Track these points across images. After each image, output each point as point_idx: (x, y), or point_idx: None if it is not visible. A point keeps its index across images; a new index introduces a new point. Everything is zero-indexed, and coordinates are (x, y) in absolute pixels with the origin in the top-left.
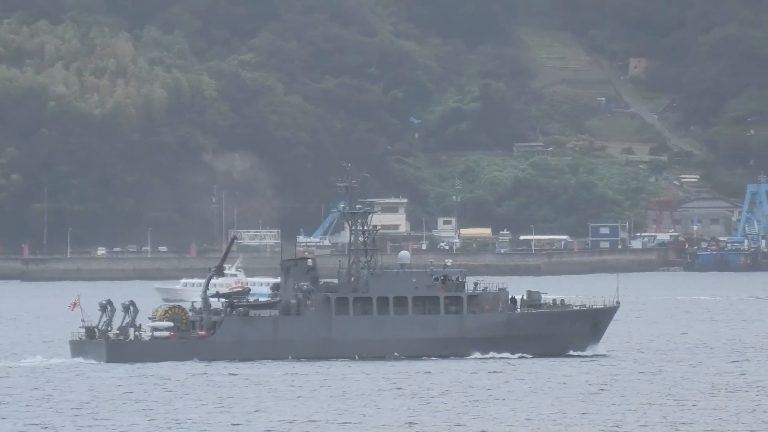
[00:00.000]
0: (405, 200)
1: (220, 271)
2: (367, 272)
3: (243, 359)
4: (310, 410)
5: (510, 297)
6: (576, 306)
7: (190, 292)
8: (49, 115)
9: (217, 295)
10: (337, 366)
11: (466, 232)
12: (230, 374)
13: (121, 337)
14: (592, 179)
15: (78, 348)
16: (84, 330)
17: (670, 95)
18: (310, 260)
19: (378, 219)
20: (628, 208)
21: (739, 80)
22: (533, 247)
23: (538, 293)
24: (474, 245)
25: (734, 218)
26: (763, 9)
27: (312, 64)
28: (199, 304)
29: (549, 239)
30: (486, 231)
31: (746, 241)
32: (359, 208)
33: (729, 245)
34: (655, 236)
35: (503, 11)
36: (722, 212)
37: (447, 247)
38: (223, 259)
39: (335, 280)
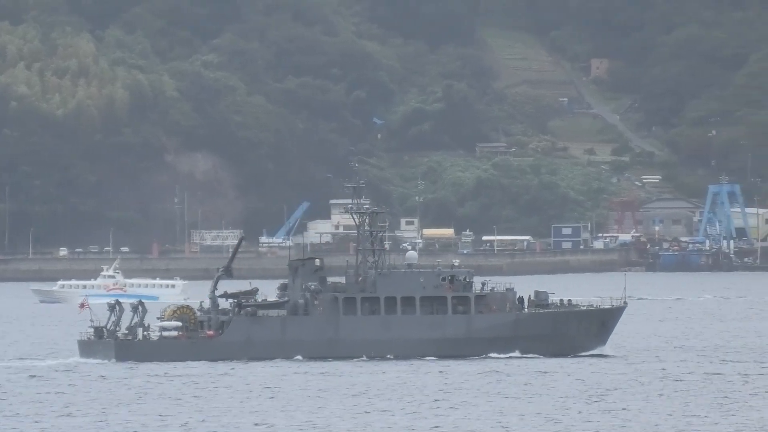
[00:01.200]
0: (368, 201)
1: (228, 272)
2: (375, 272)
3: (251, 359)
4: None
5: (517, 297)
6: (583, 306)
7: (66, 294)
8: (11, 115)
9: (225, 295)
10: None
11: (428, 232)
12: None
13: (130, 337)
14: (554, 180)
15: (87, 348)
16: (93, 330)
17: (631, 96)
18: (317, 260)
19: (340, 219)
20: (590, 208)
21: (700, 81)
22: (496, 248)
23: (546, 293)
24: (437, 246)
25: (696, 219)
26: (724, 10)
27: (274, 64)
28: (207, 304)
29: (511, 240)
30: (448, 231)
31: (708, 241)
32: (367, 208)
33: (690, 246)
34: (616, 237)
35: (465, 12)
36: (684, 213)
37: (410, 248)
38: (231, 260)
39: (343, 280)
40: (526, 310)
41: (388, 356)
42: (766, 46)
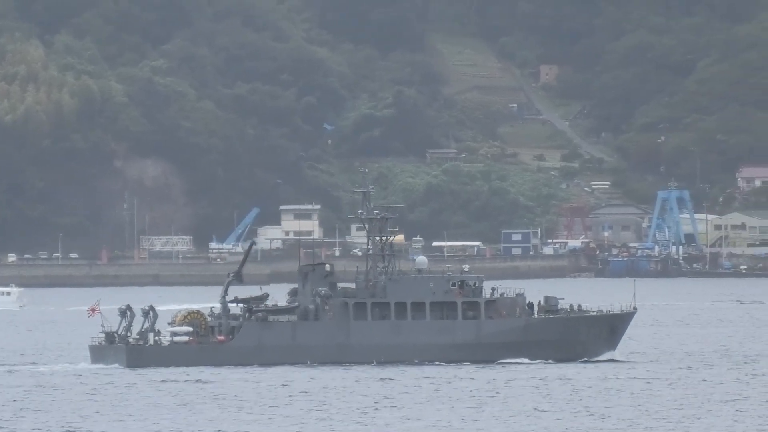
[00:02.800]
0: (318, 206)
1: (239, 277)
2: (385, 277)
3: (261, 364)
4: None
5: (527, 302)
6: (593, 311)
7: None
8: None
9: (236, 300)
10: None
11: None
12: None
13: (141, 342)
14: (504, 186)
15: (98, 353)
16: (104, 335)
17: (581, 102)
18: (327, 265)
19: (290, 225)
20: (539, 214)
21: (649, 87)
22: (446, 254)
23: (555, 299)
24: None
25: (645, 225)
26: (673, 16)
27: (224, 69)
28: (218, 310)
29: (462, 245)
30: (399, 237)
31: (657, 247)
32: (377, 213)
33: (640, 251)
34: (566, 242)
35: (415, 18)
36: (633, 219)
37: (360, 254)
38: (242, 265)
39: (353, 285)
40: (535, 315)
41: (399, 361)
42: (715, 52)
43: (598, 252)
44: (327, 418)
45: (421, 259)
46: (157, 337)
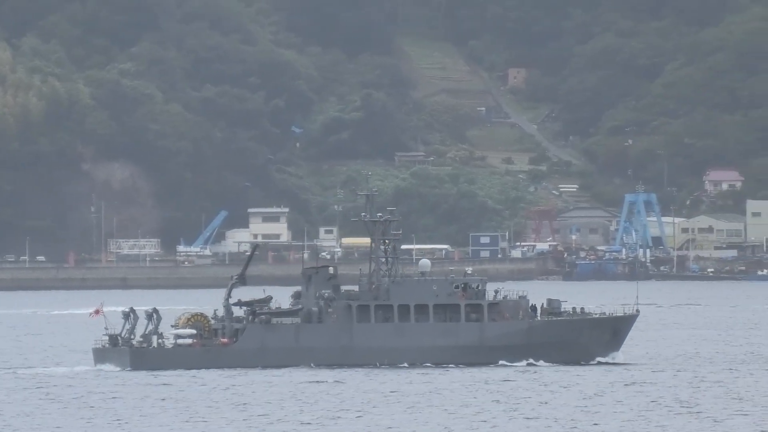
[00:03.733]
0: (286, 209)
1: (242, 280)
2: (388, 280)
3: (265, 366)
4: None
5: (530, 305)
6: (596, 314)
7: None
8: None
9: (239, 303)
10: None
11: (347, 241)
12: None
13: (145, 345)
14: (472, 189)
15: (101, 355)
16: (107, 338)
17: (549, 105)
18: (331, 268)
19: (258, 228)
20: (508, 217)
21: (617, 91)
22: (414, 257)
23: (558, 301)
24: (356, 254)
25: (612, 228)
26: (641, 20)
27: (192, 72)
28: (221, 312)
29: (430, 248)
30: (367, 240)
31: (624, 250)
32: (380, 216)
33: (607, 254)
34: (534, 245)
35: (384, 21)
36: (601, 222)
37: (328, 257)
38: (245, 268)
39: (356, 288)
40: (538, 317)
41: (402, 364)
42: (682, 55)
43: (565, 255)
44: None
45: (425, 262)
46: (160, 340)
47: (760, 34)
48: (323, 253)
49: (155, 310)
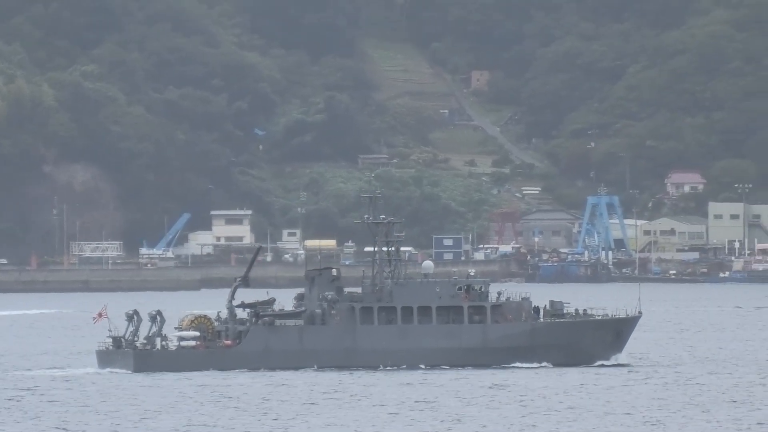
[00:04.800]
0: (249, 212)
1: (246, 282)
2: (392, 282)
3: (268, 368)
4: None
5: (533, 306)
6: (598, 315)
7: None
8: None
9: (243, 305)
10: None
11: (310, 243)
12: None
13: (148, 347)
14: (435, 191)
15: (105, 358)
16: (111, 340)
17: (511, 108)
18: (334, 270)
19: (221, 231)
20: (471, 219)
21: (579, 93)
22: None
23: (561, 303)
24: (319, 257)
25: (575, 230)
26: (603, 23)
27: (155, 74)
28: (225, 314)
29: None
30: (331, 243)
31: (586, 252)
32: (383, 218)
33: (570, 257)
34: (497, 248)
35: (346, 23)
36: (563, 224)
37: (291, 259)
38: (249, 270)
39: (359, 290)
40: (541, 319)
41: (405, 366)
42: (644, 58)
43: (528, 257)
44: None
45: (428, 264)
46: (164, 342)
47: (722, 37)
48: (286, 256)
49: (159, 312)
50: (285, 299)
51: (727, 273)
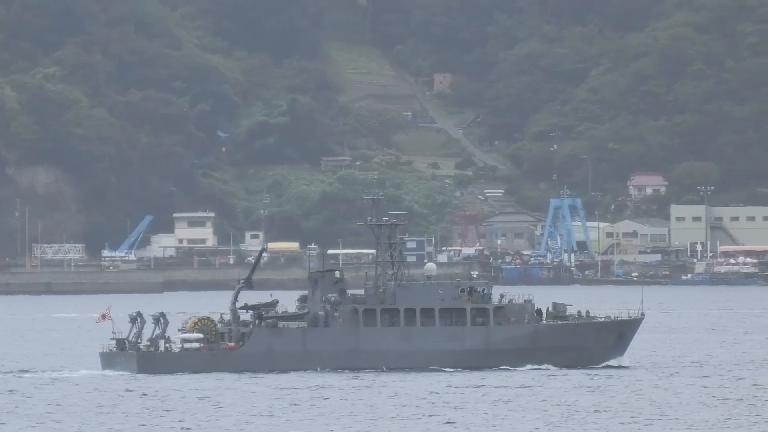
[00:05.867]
0: (212, 214)
1: (249, 284)
2: (394, 284)
3: (272, 370)
4: None
5: (536, 308)
6: (601, 318)
7: None
8: None
9: (246, 307)
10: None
11: (273, 246)
12: None
13: (152, 349)
14: (398, 193)
15: (108, 360)
16: (114, 342)
17: (474, 110)
18: (337, 272)
19: (184, 233)
20: (434, 222)
21: (542, 96)
22: (341, 261)
23: (564, 305)
24: (282, 259)
25: (538, 232)
26: (565, 25)
27: (117, 77)
28: (228, 316)
29: (356, 253)
30: (294, 245)
31: (549, 255)
32: (386, 220)
33: (532, 259)
34: (460, 250)
35: (309, 26)
36: (526, 226)
37: (252, 261)
38: (252, 272)
39: (362, 292)
40: (544, 321)
41: (407, 368)
42: (606, 61)
43: (491, 260)
44: None
45: (430, 266)
46: (167, 344)
47: (684, 40)
48: (249, 258)
49: (162, 314)
50: (288, 301)
51: (690, 275)
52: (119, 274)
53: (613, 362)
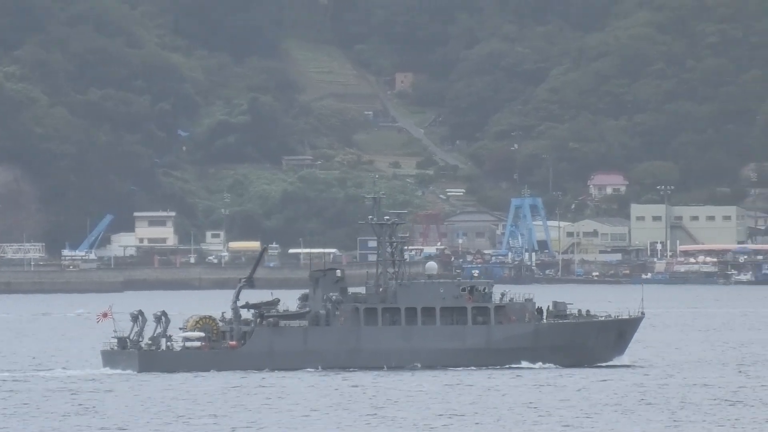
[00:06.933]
0: (173, 213)
1: (251, 282)
2: (395, 283)
3: (273, 369)
4: None
5: (536, 307)
6: (601, 316)
7: None
8: None
9: (247, 305)
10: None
11: (234, 245)
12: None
13: (153, 348)
14: (360, 193)
15: (110, 358)
16: (116, 340)
17: (435, 110)
18: (338, 271)
19: (144, 233)
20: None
21: (503, 95)
22: (302, 261)
23: (564, 304)
24: (243, 258)
25: (499, 232)
26: (526, 25)
27: (77, 75)
28: (229, 315)
29: (318, 252)
30: (255, 244)
31: (510, 254)
32: (387, 219)
33: (493, 258)
34: (421, 249)
35: (270, 25)
36: (487, 226)
37: (215, 261)
38: (254, 270)
39: (363, 291)
40: (544, 320)
41: (409, 366)
42: (566, 60)
43: (452, 259)
44: None
45: (431, 265)
46: (169, 343)
47: (645, 40)
48: (210, 257)
49: (164, 313)
50: (289, 300)
51: (650, 274)
52: (79, 273)
53: (613, 361)
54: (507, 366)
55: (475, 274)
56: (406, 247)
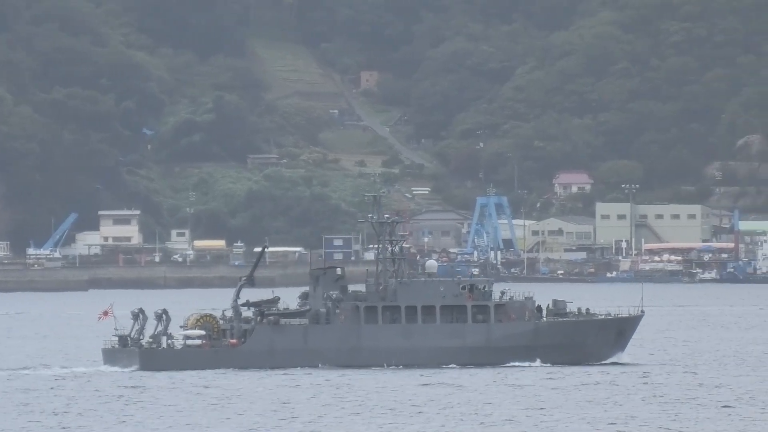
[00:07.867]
0: (138, 212)
1: (251, 281)
2: (396, 281)
3: (273, 367)
4: None
5: (536, 305)
6: (601, 315)
7: None
8: None
9: (247, 303)
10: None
11: (199, 244)
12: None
13: (154, 346)
14: (325, 191)
15: (111, 356)
16: (117, 338)
17: (401, 109)
18: (338, 269)
19: (109, 231)
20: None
21: (468, 94)
22: (267, 259)
23: (564, 302)
24: (208, 257)
25: (464, 230)
26: (491, 24)
27: (41, 74)
28: (230, 313)
29: (283, 251)
30: (220, 243)
31: (476, 252)
32: (387, 218)
33: (459, 257)
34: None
35: (235, 23)
36: (453, 224)
37: (180, 259)
38: (254, 269)
39: (363, 289)
40: (544, 318)
41: (409, 365)
42: (531, 59)
43: (418, 257)
44: None
45: (431, 263)
46: (169, 341)
47: (609, 38)
48: (175, 256)
49: (165, 311)
50: (289, 298)
51: (615, 273)
52: (44, 272)
53: (612, 359)
54: (506, 365)
55: (475, 272)
56: (371, 245)
